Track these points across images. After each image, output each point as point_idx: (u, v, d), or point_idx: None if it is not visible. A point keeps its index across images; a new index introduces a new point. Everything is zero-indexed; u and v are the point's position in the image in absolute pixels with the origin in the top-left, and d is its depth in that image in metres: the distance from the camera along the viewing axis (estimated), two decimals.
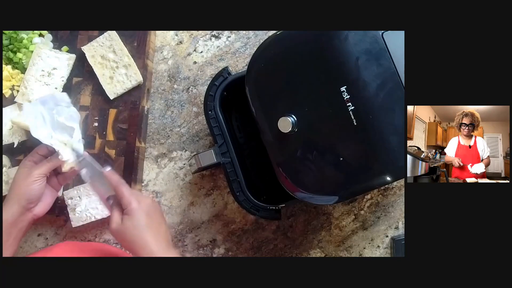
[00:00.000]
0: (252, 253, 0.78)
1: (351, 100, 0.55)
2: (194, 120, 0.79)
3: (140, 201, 0.61)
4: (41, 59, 0.74)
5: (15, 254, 0.65)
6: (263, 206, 0.65)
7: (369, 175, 0.56)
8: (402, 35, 0.54)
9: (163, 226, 0.62)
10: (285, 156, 0.59)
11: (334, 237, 0.77)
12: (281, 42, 0.59)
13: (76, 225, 0.73)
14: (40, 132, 0.65)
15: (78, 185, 0.74)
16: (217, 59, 0.80)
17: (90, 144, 0.76)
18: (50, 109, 0.66)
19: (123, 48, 0.74)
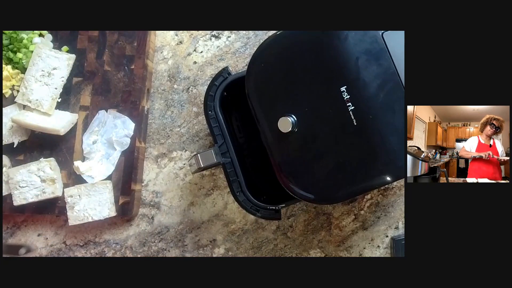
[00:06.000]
0: (252, 253, 0.78)
1: (351, 100, 0.55)
2: (194, 120, 0.79)
3: None
4: (41, 59, 0.74)
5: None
6: (263, 206, 0.65)
7: (369, 175, 0.56)
8: (402, 35, 0.54)
9: None
10: (285, 156, 0.59)
11: (334, 237, 0.77)
12: (281, 42, 0.59)
13: (73, 223, 0.73)
14: (92, 135, 0.75)
15: (79, 184, 0.74)
16: (217, 59, 0.80)
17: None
18: (115, 125, 0.74)
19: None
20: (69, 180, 0.76)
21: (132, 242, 0.78)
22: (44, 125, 0.72)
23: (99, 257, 0.78)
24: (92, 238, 0.79)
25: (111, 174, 0.75)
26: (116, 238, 0.78)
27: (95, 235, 0.79)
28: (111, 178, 0.75)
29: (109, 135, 0.75)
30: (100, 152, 0.75)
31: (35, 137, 0.76)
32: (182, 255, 0.78)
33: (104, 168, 0.75)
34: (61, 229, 0.79)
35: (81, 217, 0.73)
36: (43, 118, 0.74)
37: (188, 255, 0.78)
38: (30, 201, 0.73)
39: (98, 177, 0.74)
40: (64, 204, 0.74)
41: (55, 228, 0.79)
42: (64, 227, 0.79)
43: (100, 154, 0.75)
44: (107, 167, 0.75)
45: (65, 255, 0.79)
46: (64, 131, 0.73)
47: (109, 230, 0.78)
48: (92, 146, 0.75)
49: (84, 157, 0.75)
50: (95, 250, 0.78)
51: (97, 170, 0.74)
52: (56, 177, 0.74)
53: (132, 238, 0.78)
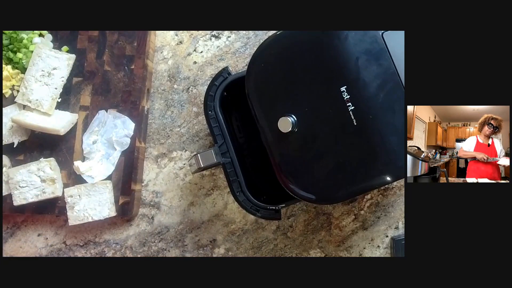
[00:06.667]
0: (252, 253, 0.78)
1: (351, 100, 0.55)
2: (194, 120, 0.79)
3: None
4: (41, 59, 0.74)
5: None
6: (263, 206, 0.65)
7: (369, 175, 0.56)
8: (402, 35, 0.54)
9: None
10: (285, 156, 0.59)
11: (334, 237, 0.77)
12: (281, 42, 0.59)
13: (73, 223, 0.73)
14: (92, 135, 0.75)
15: (79, 184, 0.74)
16: (217, 59, 0.80)
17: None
18: (115, 125, 0.74)
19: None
20: (69, 180, 0.76)
21: (132, 242, 0.78)
22: (44, 125, 0.72)
23: (99, 257, 0.78)
24: (92, 238, 0.79)
25: (111, 174, 0.75)
26: (116, 238, 0.78)
27: (95, 235, 0.79)
28: (111, 178, 0.75)
29: (109, 135, 0.74)
30: (100, 152, 0.75)
31: (35, 137, 0.76)
32: (182, 255, 0.78)
33: (104, 168, 0.75)
34: (61, 229, 0.79)
35: (81, 217, 0.73)
36: (43, 118, 0.74)
37: (188, 255, 0.78)
38: (30, 201, 0.73)
39: (98, 177, 0.74)
40: (64, 204, 0.74)
41: (55, 228, 0.79)
42: (64, 227, 0.79)
43: (100, 154, 0.75)
44: (107, 167, 0.75)
45: (65, 255, 0.79)
46: (64, 131, 0.73)
47: (109, 230, 0.79)
48: (92, 146, 0.75)
49: (84, 157, 0.75)
50: (95, 250, 0.78)
51: (97, 170, 0.74)
52: (56, 177, 0.74)
53: (132, 238, 0.78)
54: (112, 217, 0.74)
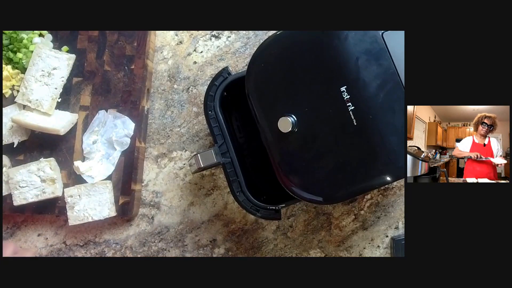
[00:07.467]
0: (252, 253, 0.78)
1: (351, 100, 0.55)
2: (194, 120, 0.79)
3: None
4: (41, 59, 0.74)
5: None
6: (263, 206, 0.65)
7: (369, 175, 0.56)
8: (402, 35, 0.54)
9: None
10: (285, 156, 0.59)
11: (334, 237, 0.77)
12: (281, 42, 0.59)
13: (73, 223, 0.73)
14: (92, 135, 0.75)
15: (79, 184, 0.74)
16: (217, 59, 0.80)
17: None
18: (115, 125, 0.74)
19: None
20: (69, 180, 0.76)
21: (132, 242, 0.78)
22: (44, 125, 0.72)
23: (99, 257, 0.78)
24: (92, 238, 0.79)
25: (111, 174, 0.75)
26: (116, 238, 0.78)
27: (95, 235, 0.79)
28: (111, 178, 0.75)
29: (109, 135, 0.75)
30: (100, 152, 0.75)
31: (35, 137, 0.76)
32: (182, 255, 0.78)
33: (104, 168, 0.75)
34: (61, 229, 0.79)
35: (81, 217, 0.73)
36: (43, 118, 0.74)
37: (188, 255, 0.78)
38: (30, 201, 0.73)
39: (98, 177, 0.74)
40: (64, 204, 0.74)
41: (55, 228, 0.79)
42: (64, 227, 0.79)
43: (100, 154, 0.75)
44: (107, 167, 0.75)
45: (65, 255, 0.79)
46: (64, 131, 0.73)
47: (109, 230, 0.79)
48: (92, 146, 0.75)
49: (84, 157, 0.75)
50: (95, 250, 0.78)
51: (97, 170, 0.74)
52: (56, 177, 0.74)
53: (132, 238, 0.78)
54: (112, 217, 0.74)
